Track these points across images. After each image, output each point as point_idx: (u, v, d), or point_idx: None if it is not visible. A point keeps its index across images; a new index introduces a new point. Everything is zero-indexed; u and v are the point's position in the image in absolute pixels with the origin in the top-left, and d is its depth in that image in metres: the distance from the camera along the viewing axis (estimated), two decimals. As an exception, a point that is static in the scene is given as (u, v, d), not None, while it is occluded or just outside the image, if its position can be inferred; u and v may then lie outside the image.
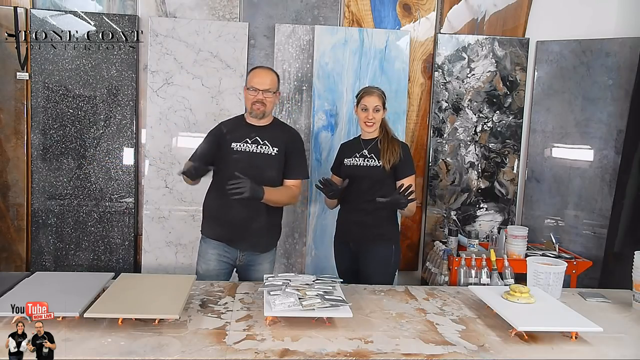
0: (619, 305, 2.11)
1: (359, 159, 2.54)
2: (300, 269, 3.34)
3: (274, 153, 2.40)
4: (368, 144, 2.56)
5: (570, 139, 3.43)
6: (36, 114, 3.15)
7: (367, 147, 2.55)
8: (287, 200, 2.43)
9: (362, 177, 2.50)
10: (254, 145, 2.39)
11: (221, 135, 2.41)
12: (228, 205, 2.31)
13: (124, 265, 3.25)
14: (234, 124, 2.47)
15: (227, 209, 2.34)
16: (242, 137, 2.40)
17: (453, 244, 3.10)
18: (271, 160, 2.39)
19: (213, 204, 2.44)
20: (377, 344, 1.63)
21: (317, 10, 3.31)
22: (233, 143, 2.38)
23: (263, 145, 2.39)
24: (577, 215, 3.40)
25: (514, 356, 1.61)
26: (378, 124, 2.53)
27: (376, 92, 2.52)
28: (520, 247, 3.00)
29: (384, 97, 2.54)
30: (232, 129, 2.43)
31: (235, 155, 2.36)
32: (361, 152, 2.56)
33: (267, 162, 2.38)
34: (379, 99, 2.50)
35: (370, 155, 2.52)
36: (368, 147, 2.55)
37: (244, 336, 1.64)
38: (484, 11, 3.42)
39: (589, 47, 3.35)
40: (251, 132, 2.41)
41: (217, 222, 2.43)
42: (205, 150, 2.36)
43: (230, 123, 2.49)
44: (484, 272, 2.82)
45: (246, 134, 2.40)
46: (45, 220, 3.20)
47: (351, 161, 2.56)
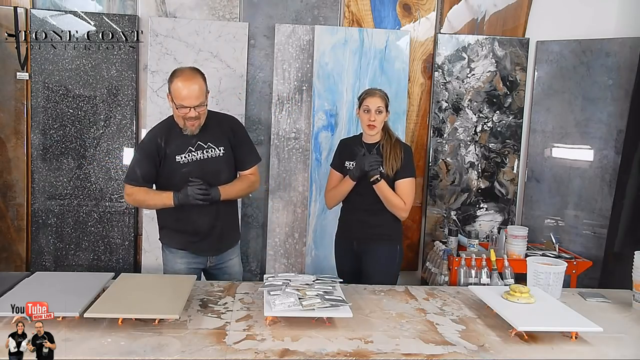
0: (619, 305, 2.11)
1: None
2: (300, 269, 3.34)
3: (222, 153, 2.26)
4: (370, 148, 2.48)
5: (570, 139, 3.43)
6: (36, 114, 3.15)
7: (369, 151, 2.47)
8: (246, 191, 2.37)
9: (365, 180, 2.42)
10: (199, 152, 2.22)
11: (159, 150, 2.20)
12: (186, 217, 2.23)
13: (124, 265, 3.25)
14: (168, 133, 2.23)
15: (187, 220, 2.24)
16: (183, 147, 2.21)
17: (453, 244, 3.10)
18: (221, 161, 2.27)
19: (170, 217, 2.29)
20: (377, 344, 1.63)
21: (317, 10, 3.31)
22: (177, 156, 2.20)
23: (208, 149, 2.24)
24: (577, 215, 3.40)
25: (514, 356, 1.61)
26: (380, 126, 2.45)
27: (379, 93, 2.45)
28: (520, 247, 3.01)
29: (387, 99, 2.47)
30: (168, 140, 2.21)
31: (184, 169, 2.20)
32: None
33: (217, 165, 2.26)
34: (381, 100, 2.43)
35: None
36: (370, 150, 2.48)
37: (244, 336, 1.64)
38: (484, 11, 3.42)
39: (589, 47, 3.35)
40: (189, 139, 2.21)
41: (180, 234, 2.29)
42: (151, 170, 2.21)
43: (164, 132, 2.23)
44: (484, 272, 2.82)
45: (187, 143, 2.21)
46: (45, 220, 3.20)
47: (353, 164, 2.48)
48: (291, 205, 3.33)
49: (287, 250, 3.34)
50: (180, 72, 2.17)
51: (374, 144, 2.50)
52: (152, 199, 2.20)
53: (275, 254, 3.33)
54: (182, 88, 2.11)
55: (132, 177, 2.21)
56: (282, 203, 3.32)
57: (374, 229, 2.46)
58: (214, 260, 2.36)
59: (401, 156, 2.44)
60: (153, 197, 2.20)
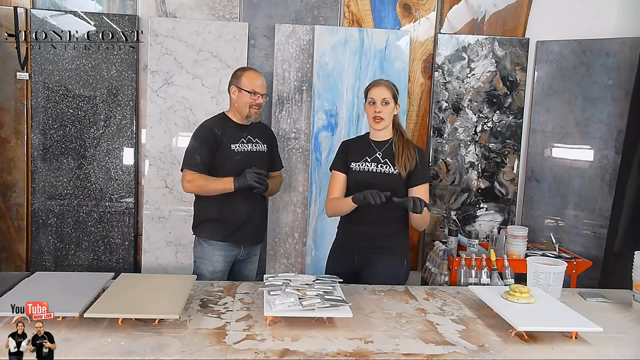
0: (619, 305, 2.11)
1: (371, 164, 2.24)
2: (300, 269, 3.34)
3: (265, 150, 2.52)
4: (381, 147, 2.26)
5: (570, 139, 3.43)
6: (36, 114, 3.15)
7: (380, 150, 2.25)
8: (277, 188, 2.65)
9: (376, 185, 2.14)
10: (249, 145, 2.46)
11: (217, 138, 2.40)
12: (231, 205, 2.40)
13: (124, 265, 3.25)
14: (223, 125, 2.45)
15: (232, 209, 2.41)
16: (237, 138, 2.43)
17: (453, 244, 3.10)
18: (264, 157, 2.51)
19: (214, 207, 2.43)
20: (377, 344, 1.63)
21: (317, 10, 3.31)
22: (232, 145, 2.41)
23: (256, 143, 2.49)
24: (577, 215, 3.40)
25: (514, 356, 1.61)
26: (388, 120, 2.22)
27: (384, 82, 2.24)
28: (520, 247, 3.00)
29: (395, 90, 2.24)
30: (224, 131, 2.42)
31: (238, 157, 2.40)
32: (373, 155, 2.25)
33: (262, 159, 2.49)
34: (387, 90, 2.21)
35: (384, 160, 2.23)
36: (381, 149, 2.25)
37: (244, 336, 1.64)
38: (484, 11, 3.42)
39: (589, 47, 3.35)
40: (242, 131, 2.46)
41: (223, 224, 2.43)
42: (209, 157, 2.38)
43: (219, 124, 2.45)
44: (484, 272, 2.82)
45: (239, 134, 2.44)
46: (45, 220, 3.20)
47: (361, 166, 2.25)
48: (291, 205, 3.33)
49: (287, 250, 3.34)
50: (248, 68, 2.52)
51: (384, 142, 2.27)
52: (214, 183, 2.34)
53: (275, 254, 3.33)
54: (256, 77, 2.42)
55: (192, 164, 2.36)
56: (282, 203, 3.32)
57: (379, 241, 2.24)
58: (244, 253, 2.52)
59: (415, 157, 2.22)
60: (214, 182, 2.34)
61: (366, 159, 2.26)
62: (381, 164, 2.23)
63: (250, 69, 2.50)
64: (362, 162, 2.26)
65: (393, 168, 2.21)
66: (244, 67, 2.63)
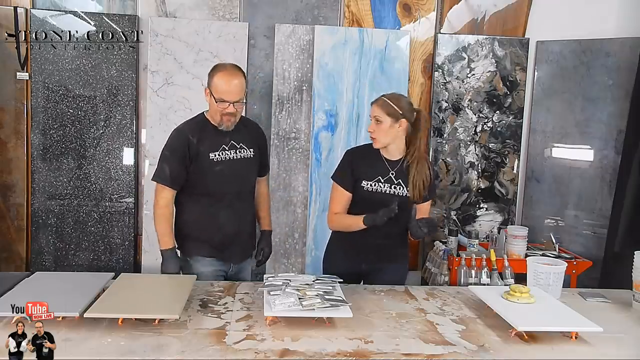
0: (619, 305, 2.11)
1: (384, 185, 2.15)
2: (300, 269, 3.34)
3: (252, 155, 2.25)
4: (394, 166, 2.16)
5: (570, 139, 3.43)
6: (36, 114, 3.15)
7: (393, 169, 2.16)
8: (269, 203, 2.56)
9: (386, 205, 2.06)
10: (232, 151, 2.19)
11: (190, 147, 2.12)
12: (216, 220, 2.20)
13: (124, 265, 3.25)
14: (200, 130, 2.16)
15: (217, 225, 2.20)
16: (217, 145, 2.16)
17: (453, 244, 3.10)
18: (251, 163, 2.26)
19: (199, 223, 2.22)
20: (377, 344, 1.63)
21: (317, 10, 3.31)
22: (211, 153, 2.14)
23: (240, 149, 2.21)
24: (577, 215, 3.40)
25: (514, 356, 1.61)
26: (384, 139, 2.11)
27: (381, 100, 2.12)
28: (520, 247, 3.01)
29: (394, 107, 2.08)
30: (201, 137, 2.14)
31: (218, 167, 2.15)
32: (387, 175, 2.15)
33: (248, 166, 2.25)
34: (379, 108, 2.09)
35: (397, 180, 2.15)
36: (394, 168, 2.16)
37: (244, 336, 1.64)
38: (484, 11, 3.42)
39: (589, 47, 3.35)
40: (223, 136, 2.17)
41: (209, 240, 2.22)
42: (180, 171, 2.12)
43: (195, 129, 2.16)
44: (484, 272, 2.82)
45: (219, 141, 2.16)
46: (45, 220, 3.20)
47: (373, 186, 2.15)
48: (291, 205, 3.33)
49: (287, 250, 3.34)
50: (222, 67, 2.13)
51: (397, 161, 2.17)
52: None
53: (275, 254, 3.33)
54: (224, 83, 2.07)
55: (162, 176, 2.13)
56: (282, 203, 3.32)
57: (387, 251, 2.25)
58: (235, 268, 2.33)
59: (431, 181, 2.16)
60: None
61: (379, 178, 2.16)
62: (394, 185, 2.15)
63: (223, 70, 2.10)
64: (375, 182, 2.16)
65: (405, 189, 2.15)
66: (220, 64, 2.17)
